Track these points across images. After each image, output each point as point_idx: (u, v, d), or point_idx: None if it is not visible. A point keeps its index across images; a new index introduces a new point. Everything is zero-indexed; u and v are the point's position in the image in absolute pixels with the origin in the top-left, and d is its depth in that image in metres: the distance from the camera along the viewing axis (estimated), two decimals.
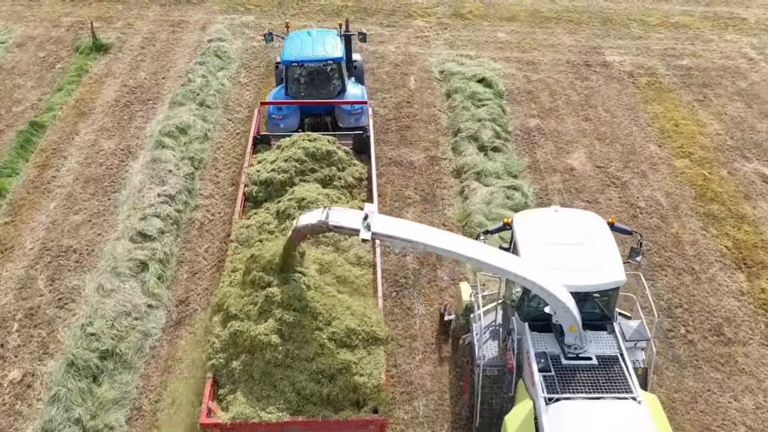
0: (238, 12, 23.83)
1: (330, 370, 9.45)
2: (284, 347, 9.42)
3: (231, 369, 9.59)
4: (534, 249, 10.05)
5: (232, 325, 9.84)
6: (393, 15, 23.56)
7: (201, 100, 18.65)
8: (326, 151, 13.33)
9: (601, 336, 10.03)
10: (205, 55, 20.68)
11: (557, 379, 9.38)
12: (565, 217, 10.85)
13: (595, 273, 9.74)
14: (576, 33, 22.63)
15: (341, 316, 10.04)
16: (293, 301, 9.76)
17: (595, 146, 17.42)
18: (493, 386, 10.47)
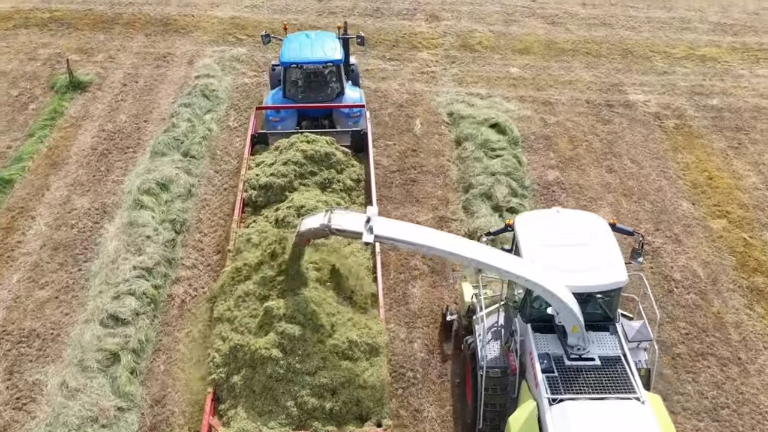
0: (228, 43, 22.35)
1: (332, 384, 9.32)
2: (285, 361, 9.31)
3: (232, 384, 9.49)
4: (536, 250, 10.20)
5: (231, 339, 9.74)
6: (396, 47, 22.08)
7: (185, 149, 17.14)
8: (325, 153, 13.16)
9: (603, 337, 10.16)
10: (191, 95, 19.17)
11: (560, 379, 9.53)
12: (567, 219, 10.95)
13: (597, 274, 9.88)
14: (595, 67, 21.14)
15: (342, 328, 9.93)
16: (294, 313, 9.64)
17: (621, 204, 15.92)
18: (496, 387, 10.56)
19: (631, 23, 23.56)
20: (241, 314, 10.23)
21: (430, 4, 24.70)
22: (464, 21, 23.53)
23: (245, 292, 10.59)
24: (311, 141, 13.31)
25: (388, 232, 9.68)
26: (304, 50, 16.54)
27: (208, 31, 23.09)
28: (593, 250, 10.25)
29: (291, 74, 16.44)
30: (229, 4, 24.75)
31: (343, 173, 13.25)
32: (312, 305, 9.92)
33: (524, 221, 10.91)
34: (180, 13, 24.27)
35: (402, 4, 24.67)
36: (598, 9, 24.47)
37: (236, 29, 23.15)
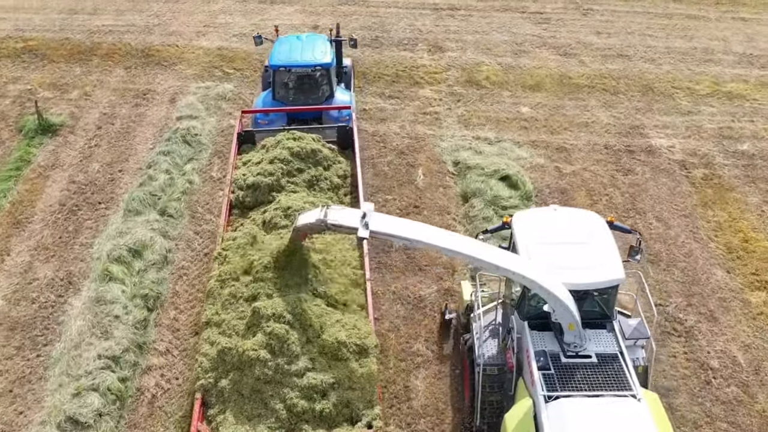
0: (214, 78, 20.89)
1: (322, 386, 9.21)
2: (274, 362, 9.21)
3: (220, 388, 9.36)
4: (533, 248, 10.29)
5: (219, 343, 9.61)
6: (396, 83, 20.62)
7: (162, 206, 15.67)
8: (311, 150, 13.07)
9: (600, 334, 10.27)
10: (171, 141, 17.69)
11: (557, 377, 9.61)
12: (565, 216, 11.05)
13: (595, 271, 9.99)
14: (613, 106, 19.67)
15: (331, 329, 9.84)
16: (283, 313, 9.58)
17: (648, 272, 14.40)
18: (494, 385, 10.70)
19: (649, 54, 22.11)
20: (228, 317, 10.14)
21: (433, 32, 23.26)
22: (470, 52, 22.10)
23: (233, 295, 10.49)
24: (298, 138, 13.31)
25: (384, 228, 9.76)
26: (293, 53, 16.61)
27: (192, 64, 21.65)
28: (590, 248, 10.35)
29: (280, 77, 16.53)
30: (217, 33, 23.33)
31: (330, 170, 13.24)
32: (300, 305, 9.84)
33: (521, 219, 11.00)
34: (163, 42, 22.84)
35: (402, 32, 23.24)
36: (614, 38, 23.02)
37: (223, 62, 21.70)
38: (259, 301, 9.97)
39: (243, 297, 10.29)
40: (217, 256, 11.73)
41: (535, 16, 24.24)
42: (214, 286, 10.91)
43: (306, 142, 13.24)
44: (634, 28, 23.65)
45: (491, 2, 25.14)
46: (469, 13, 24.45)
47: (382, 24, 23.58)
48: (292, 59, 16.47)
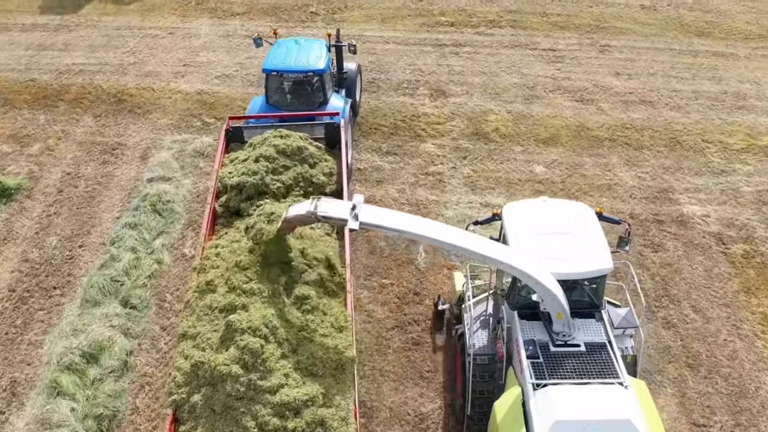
0: (192, 129, 19.07)
1: (295, 403, 9.05)
2: (246, 378, 9.04)
3: (193, 404, 9.18)
4: (522, 238, 10.65)
5: (193, 356, 9.45)
6: (395, 135, 18.80)
7: (125, 295, 13.89)
8: (297, 147, 13.06)
9: (589, 323, 10.62)
10: (139, 210, 15.88)
11: (545, 365, 9.96)
12: (554, 207, 11.41)
13: (583, 261, 10.34)
14: (637, 164, 17.85)
15: (308, 344, 9.74)
16: (258, 326, 9.42)
17: (686, 380, 12.61)
18: (484, 374, 11.00)
19: (675, 100, 20.29)
20: (204, 330, 9.92)
21: (435, 73, 21.44)
22: (476, 97, 20.28)
23: (208, 306, 10.23)
24: (284, 136, 13.26)
25: (374, 219, 9.89)
26: (287, 58, 16.64)
27: (168, 112, 19.83)
28: (579, 238, 10.70)
29: (273, 82, 16.61)
30: (197, 75, 21.52)
31: (316, 168, 13.20)
32: (277, 319, 9.68)
33: (511, 210, 11.37)
34: (138, 85, 21.04)
35: (402, 73, 21.43)
36: (635, 80, 21.20)
37: (203, 109, 19.88)
38: (234, 313, 9.76)
39: (219, 308, 10.03)
40: (197, 266, 11.44)
41: (547, 54, 22.43)
42: (192, 297, 10.64)
43: (292, 139, 13.22)
44: (657, 67, 21.82)
45: (499, 37, 23.31)
46: (475, 50, 22.63)
47: (380, 63, 21.78)
48: (285, 64, 16.44)
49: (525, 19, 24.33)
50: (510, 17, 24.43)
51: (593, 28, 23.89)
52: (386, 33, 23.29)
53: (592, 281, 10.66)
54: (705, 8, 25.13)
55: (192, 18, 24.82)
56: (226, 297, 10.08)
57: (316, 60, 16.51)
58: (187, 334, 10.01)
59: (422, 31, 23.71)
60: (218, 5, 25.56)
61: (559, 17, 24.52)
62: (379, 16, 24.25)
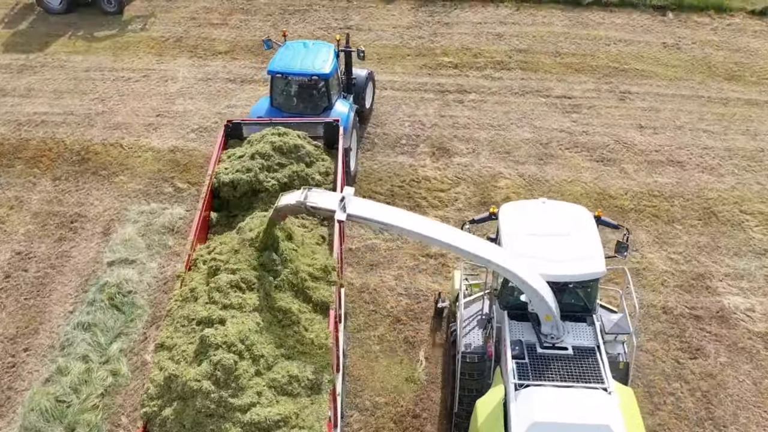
0: (162, 197, 17.10)
1: (266, 423, 8.71)
2: (217, 394, 8.72)
3: (164, 417, 8.89)
4: (516, 238, 10.89)
5: (167, 369, 9.16)
6: (391, 203, 16.85)
7: (72, 421, 11.92)
8: (293, 145, 12.92)
9: (580, 327, 10.77)
10: (95, 305, 13.91)
11: (530, 366, 10.15)
12: (552, 209, 11.54)
13: (575, 264, 10.51)
14: (668, 242, 15.87)
15: (284, 361, 9.44)
16: (234, 342, 9.08)
17: None
18: (473, 373, 11.22)
19: (707, 159, 18.33)
20: (180, 341, 9.63)
21: (438, 126, 19.48)
22: (484, 157, 18.33)
23: (187, 317, 9.88)
24: (282, 134, 13.10)
25: (361, 212, 9.94)
26: (293, 60, 16.70)
27: (137, 174, 17.86)
28: (573, 241, 10.84)
29: (277, 84, 16.81)
30: (171, 127, 19.55)
31: (312, 167, 13.01)
32: (255, 334, 9.40)
33: (508, 210, 11.58)
34: (105, 140, 19.06)
35: (400, 126, 19.46)
36: (661, 134, 19.23)
37: (176, 171, 17.91)
38: (211, 326, 9.41)
39: (196, 320, 9.70)
40: (180, 274, 10.98)
41: (561, 102, 20.46)
42: (174, 306, 10.32)
43: (290, 137, 13.04)
44: (684, 119, 19.86)
45: (508, 82, 21.35)
46: (482, 97, 20.67)
47: (377, 114, 19.82)
48: (290, 66, 16.53)
49: (536, 60, 22.37)
50: (519, 58, 22.47)
51: (612, 70, 21.94)
52: (383, 77, 21.28)
53: (584, 284, 10.74)
54: (733, 47, 23.16)
55: (169, 58, 22.85)
56: (205, 309, 9.78)
57: (322, 64, 16.52)
58: (165, 345, 9.77)
59: (423, 74, 21.75)
60: (199, 43, 23.59)
61: (573, 57, 22.56)
62: (375, 56, 22.24)
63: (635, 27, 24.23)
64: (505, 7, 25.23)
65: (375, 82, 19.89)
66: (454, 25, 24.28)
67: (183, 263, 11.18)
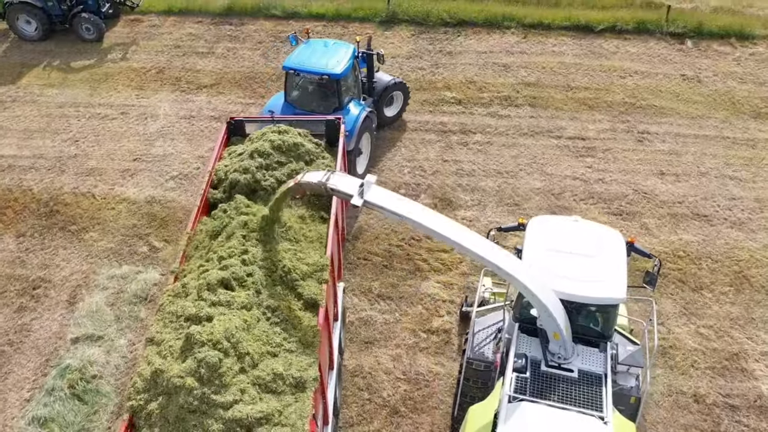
0: (136, 258, 15.64)
1: (248, 420, 8.79)
2: (200, 391, 8.83)
3: (149, 411, 9.09)
4: (538, 252, 10.80)
5: (154, 363, 9.34)
6: (389, 268, 15.33)
7: None
8: (293, 143, 13.00)
9: (591, 352, 10.58)
10: (54, 395, 12.42)
11: (530, 382, 10.11)
12: (583, 228, 11.32)
13: (593, 286, 10.29)
14: (696, 313, 14.34)
15: (270, 358, 9.57)
16: (219, 339, 9.16)
17: None
18: (478, 381, 11.32)
19: (735, 212, 16.87)
20: (169, 337, 9.76)
21: (440, 173, 18.03)
22: (490, 209, 16.88)
23: (175, 314, 10.02)
24: (282, 132, 13.17)
25: (379, 200, 10.03)
26: (309, 58, 16.69)
27: (109, 230, 16.41)
28: (596, 262, 10.62)
29: (291, 80, 16.85)
30: (149, 174, 18.12)
31: (312, 165, 13.07)
32: (241, 331, 9.42)
33: (537, 223, 11.46)
34: (76, 188, 17.62)
35: (398, 173, 18.00)
36: (684, 182, 17.79)
37: (152, 227, 16.46)
38: (198, 323, 9.53)
39: (185, 316, 9.80)
40: (174, 271, 11.13)
41: (575, 144, 19.03)
42: (166, 302, 10.42)
43: (290, 135, 13.08)
44: (708, 163, 18.42)
45: (516, 120, 19.92)
46: (488, 138, 19.24)
47: (372, 157, 18.38)
48: (303, 64, 16.50)
49: (546, 95, 20.94)
50: (528, 92, 21.03)
51: (628, 107, 20.51)
52: None
53: (601, 309, 10.56)
54: (758, 80, 21.72)
55: (150, 92, 21.43)
56: (194, 305, 9.85)
57: (335, 64, 16.38)
58: (154, 340, 9.93)
59: (424, 111, 20.32)
60: (182, 74, 22.19)
61: (586, 92, 21.12)
62: None
63: (652, 57, 22.82)
64: (512, 35, 23.85)
65: (408, 92, 19.50)
66: (457, 55, 22.89)
67: (180, 255, 11.34)
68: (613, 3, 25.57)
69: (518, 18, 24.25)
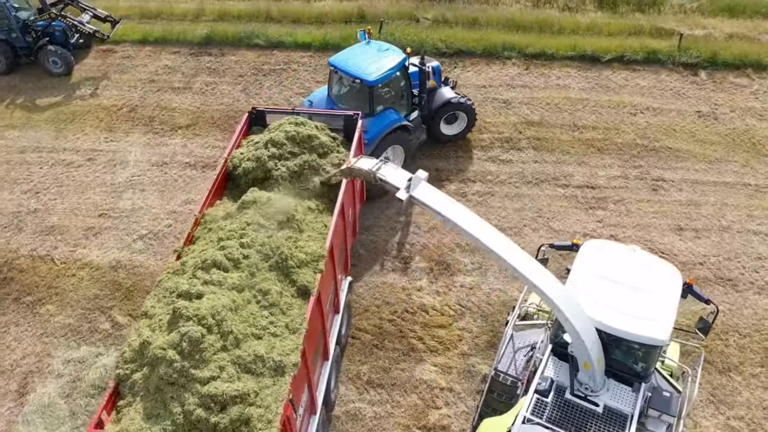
0: (96, 336, 14.03)
1: (222, 397, 8.99)
2: (180, 364, 9.12)
3: (133, 381, 9.47)
4: (586, 276, 10.51)
5: (143, 335, 9.76)
6: (380, 347, 13.78)
7: None
8: (307, 135, 13.11)
9: (622, 390, 10.24)
10: None
11: (550, 407, 9.91)
12: (639, 260, 10.84)
13: (635, 322, 9.84)
14: (725, 401, 12.79)
15: (253, 340, 9.75)
16: (205, 315, 9.44)
17: None
18: (503, 395, 11.29)
19: (763, 275, 15.27)
20: (160, 311, 10.10)
21: (436, 231, 16.46)
22: (492, 274, 15.29)
23: (169, 289, 10.33)
24: (299, 123, 13.40)
25: (424, 197, 10.13)
26: (353, 58, 16.70)
27: (68, 302, 14.82)
28: (645, 298, 10.18)
29: (332, 77, 17.07)
30: (116, 232, 16.54)
31: (325, 158, 13.16)
32: (228, 311, 9.66)
33: (592, 246, 11.13)
34: (34, 251, 16.04)
35: (391, 231, 16.40)
36: (704, 238, 16.25)
37: (115, 297, 14.89)
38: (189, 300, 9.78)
39: (177, 293, 10.06)
40: (177, 250, 11.42)
41: (584, 194, 17.52)
42: (163, 278, 10.73)
43: (306, 128, 13.26)
44: (730, 216, 16.93)
45: (519, 166, 18.40)
46: (488, 188, 17.71)
47: (362, 211, 16.89)
48: (343, 63, 16.55)
49: (551, 136, 19.44)
50: (531, 133, 19.53)
51: (640, 149, 19.02)
52: None
53: (640, 347, 10.04)
54: None
55: (120, 134, 19.86)
56: (188, 282, 10.15)
57: (374, 71, 16.22)
58: (147, 314, 10.22)
59: (419, 155, 18.76)
60: (156, 113, 20.63)
61: (594, 132, 19.62)
62: None
63: (664, 90, 21.35)
64: (513, 65, 22.35)
65: (474, 114, 18.64)
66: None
67: (188, 235, 11.58)
68: (620, 29, 24.10)
69: (519, 47, 22.76)
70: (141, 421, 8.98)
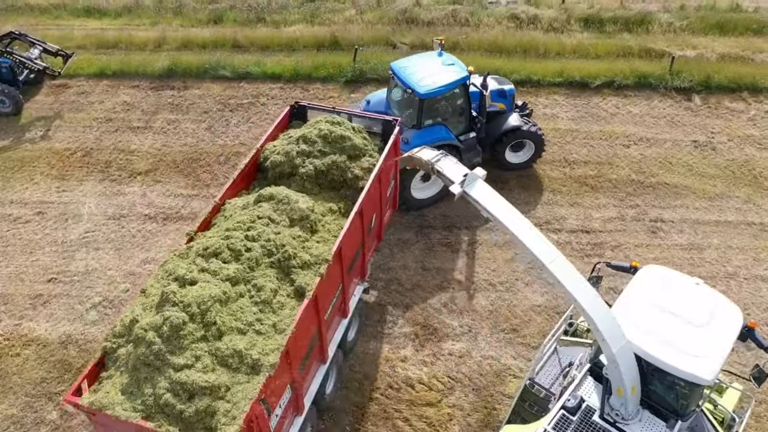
0: (43, 429, 12.56)
1: (192, 386, 9.00)
2: (159, 346, 9.24)
3: (118, 355, 9.73)
4: (639, 302, 10.17)
5: (134, 311, 10.03)
6: (363, 425, 12.49)
7: None
8: (340, 136, 13.02)
9: (656, 423, 9.90)
10: None
11: (575, 427, 9.72)
12: (700, 293, 10.37)
13: (680, 356, 9.44)
14: None
15: (235, 334, 9.69)
16: (189, 302, 9.51)
17: None
18: (533, 405, 11.20)
19: None
20: (156, 292, 10.27)
21: (421, 288, 15.12)
22: (483, 338, 14.03)
23: (167, 272, 10.45)
24: (335, 123, 13.22)
25: (477, 195, 9.94)
26: (411, 66, 16.65)
27: (10, 388, 13.23)
28: (697, 333, 9.73)
29: (391, 81, 17.08)
30: (66, 301, 14.98)
31: (356, 161, 12.92)
32: (216, 302, 9.66)
33: (650, 271, 10.81)
34: None
35: (372, 289, 15.11)
36: None
37: (64, 381, 13.31)
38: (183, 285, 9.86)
39: (173, 276, 10.09)
40: (189, 233, 11.48)
41: (578, 240, 16.32)
42: (168, 260, 10.83)
43: (341, 128, 13.13)
44: (735, 260, 15.81)
45: None
46: (475, 236, 16.39)
47: None
48: (402, 70, 16.58)
49: (540, 173, 18.23)
50: (519, 170, 18.36)
51: (636, 186, 17.88)
52: None
53: (683, 384, 9.53)
54: None
55: (74, 182, 18.31)
56: (186, 268, 10.20)
57: (428, 84, 16.00)
58: (145, 293, 10.39)
59: None
60: (113, 157, 19.11)
61: (586, 167, 18.46)
62: None
63: (657, 118, 20.27)
64: None
65: (542, 144, 17.87)
66: None
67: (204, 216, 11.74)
68: (608, 50, 23.06)
69: (504, 73, 21.54)
70: (115, 395, 9.14)
